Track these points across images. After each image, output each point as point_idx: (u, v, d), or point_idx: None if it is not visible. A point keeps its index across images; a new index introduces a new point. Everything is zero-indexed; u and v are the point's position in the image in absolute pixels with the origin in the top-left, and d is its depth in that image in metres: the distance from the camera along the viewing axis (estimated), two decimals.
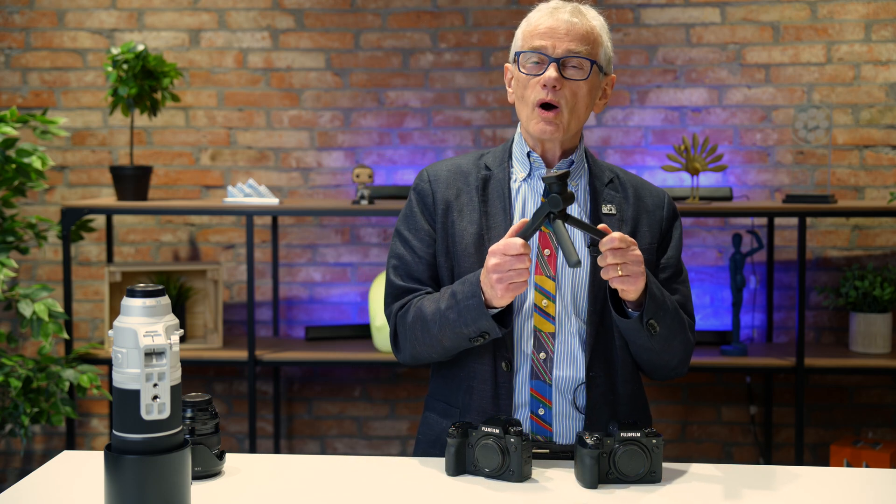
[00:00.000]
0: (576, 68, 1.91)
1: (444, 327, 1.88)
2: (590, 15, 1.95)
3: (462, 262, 1.95)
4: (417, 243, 2.00)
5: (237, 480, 1.76)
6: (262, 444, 3.92)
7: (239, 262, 3.95)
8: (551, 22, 1.91)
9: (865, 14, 3.76)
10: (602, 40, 1.94)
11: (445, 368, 2.00)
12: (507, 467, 1.73)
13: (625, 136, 3.86)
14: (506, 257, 1.76)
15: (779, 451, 3.85)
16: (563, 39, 1.90)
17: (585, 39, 1.91)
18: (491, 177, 2.00)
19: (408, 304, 1.98)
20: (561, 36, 1.90)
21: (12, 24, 3.94)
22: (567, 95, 1.91)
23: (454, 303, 1.86)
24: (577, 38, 1.90)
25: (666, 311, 1.88)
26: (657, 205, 2.03)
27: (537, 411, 1.91)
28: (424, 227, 2.00)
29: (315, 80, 3.92)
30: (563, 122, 1.92)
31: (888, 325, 3.55)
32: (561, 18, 1.91)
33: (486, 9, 3.86)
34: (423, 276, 1.99)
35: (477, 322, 1.84)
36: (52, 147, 3.93)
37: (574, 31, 1.90)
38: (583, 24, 1.92)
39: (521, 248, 1.76)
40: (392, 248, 2.04)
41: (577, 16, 1.92)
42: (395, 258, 2.02)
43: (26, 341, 3.95)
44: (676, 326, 1.92)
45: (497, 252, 1.78)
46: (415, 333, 1.94)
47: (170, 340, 1.48)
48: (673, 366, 1.97)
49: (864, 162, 3.80)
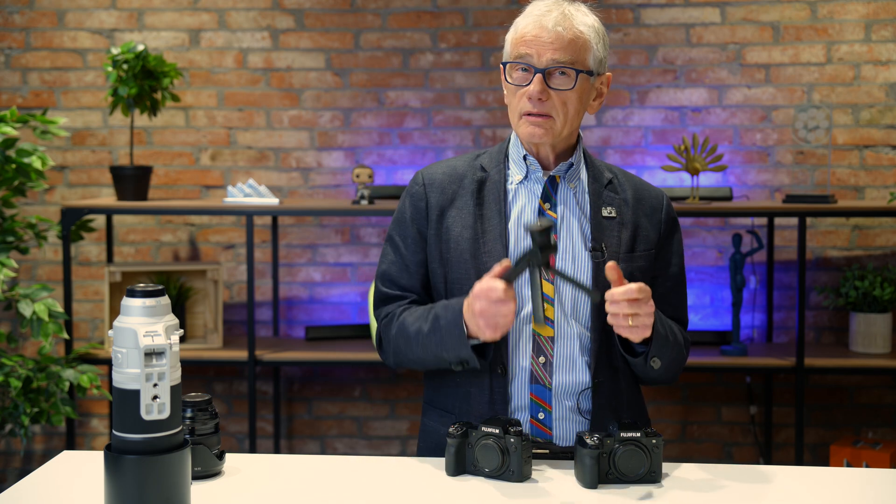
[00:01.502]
0: (563, 76, 1.88)
1: (426, 349, 1.90)
2: (577, 19, 1.89)
3: (456, 267, 1.94)
4: (405, 250, 2.00)
5: (237, 480, 1.76)
6: (262, 444, 3.92)
7: (239, 262, 3.95)
8: (537, 30, 1.87)
9: (865, 14, 3.76)
10: (590, 44, 1.89)
11: (439, 375, 1.99)
12: (507, 467, 1.73)
13: (625, 136, 3.86)
14: (490, 303, 1.75)
15: (779, 451, 3.85)
16: (547, 48, 1.86)
17: (571, 48, 1.87)
18: (487, 179, 1.98)
19: (391, 315, 1.99)
20: (545, 45, 1.86)
21: (12, 24, 3.94)
22: (556, 104, 1.88)
23: (437, 328, 1.86)
24: (561, 48, 1.86)
25: (668, 345, 1.90)
26: (656, 207, 2.01)
27: (537, 415, 1.91)
28: (414, 233, 1.99)
29: (315, 80, 3.92)
30: (556, 129, 1.90)
31: (888, 325, 3.55)
32: (546, 27, 1.87)
33: (486, 9, 3.86)
34: (409, 283, 2.00)
35: (457, 351, 1.84)
36: (52, 147, 3.93)
37: (559, 40, 1.86)
38: (568, 31, 1.87)
39: (503, 294, 1.73)
40: (382, 252, 2.05)
41: (564, 22, 1.87)
42: (384, 263, 2.03)
43: (26, 341, 3.95)
44: (675, 354, 1.94)
45: (481, 296, 1.76)
46: (398, 346, 1.96)
47: (170, 340, 1.48)
48: (665, 380, 2.00)
49: (864, 162, 3.80)
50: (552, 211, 1.94)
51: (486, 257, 1.92)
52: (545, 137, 1.90)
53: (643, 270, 1.95)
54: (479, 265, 1.92)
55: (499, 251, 1.92)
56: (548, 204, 1.95)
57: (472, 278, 1.91)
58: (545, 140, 1.91)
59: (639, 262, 1.95)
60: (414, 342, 1.92)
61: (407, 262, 2.00)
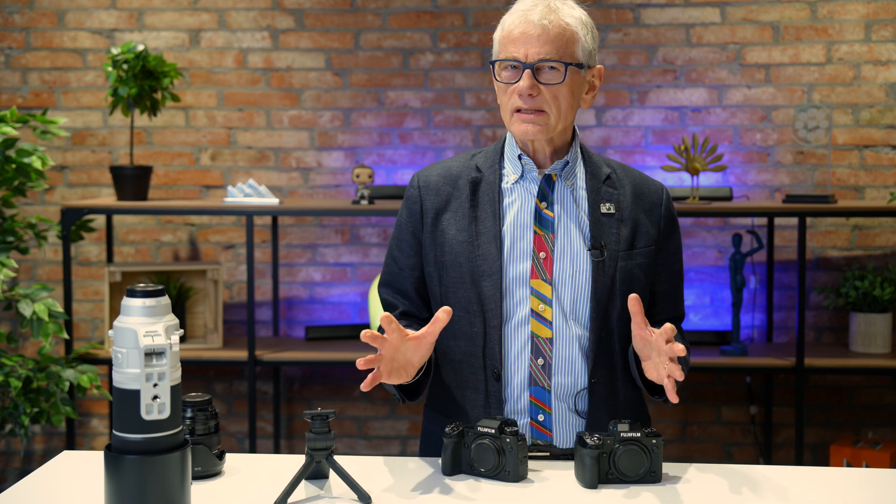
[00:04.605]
0: (552, 70, 1.86)
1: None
2: (563, 12, 1.88)
3: (451, 271, 1.94)
4: (399, 254, 2.01)
5: (237, 480, 1.76)
6: (262, 444, 3.92)
7: (239, 262, 3.95)
8: (523, 26, 1.87)
9: (865, 14, 3.76)
10: (578, 36, 1.88)
11: (438, 378, 1.99)
12: (504, 467, 1.73)
13: (625, 136, 3.86)
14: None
15: (779, 451, 3.85)
16: (534, 44, 1.85)
17: (558, 41, 1.85)
18: (481, 179, 1.97)
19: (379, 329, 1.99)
20: (533, 41, 1.85)
21: (12, 24, 3.94)
22: (548, 98, 1.87)
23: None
24: (549, 42, 1.85)
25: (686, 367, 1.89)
26: (655, 203, 1.99)
27: (537, 417, 1.90)
28: (408, 237, 2.00)
29: (315, 80, 3.92)
30: (550, 124, 1.89)
31: (888, 325, 3.55)
32: (532, 21, 1.86)
33: (486, 9, 3.86)
34: (405, 287, 2.01)
35: (387, 386, 1.85)
36: (52, 147, 3.93)
37: (546, 34, 1.85)
38: (554, 25, 1.86)
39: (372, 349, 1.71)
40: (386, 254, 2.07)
41: (550, 16, 1.86)
42: (383, 267, 2.06)
43: (26, 341, 3.95)
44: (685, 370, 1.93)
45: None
46: None
47: (170, 340, 1.48)
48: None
49: (864, 162, 3.80)
50: (549, 210, 1.93)
51: (479, 260, 1.91)
52: (539, 134, 1.89)
53: (643, 267, 1.94)
54: (473, 268, 1.91)
55: (493, 253, 1.90)
56: (544, 203, 1.93)
57: (467, 281, 1.91)
58: (539, 136, 1.89)
59: (638, 259, 1.94)
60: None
61: (401, 265, 2.01)
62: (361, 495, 1.64)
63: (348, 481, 1.65)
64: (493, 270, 1.90)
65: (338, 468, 1.67)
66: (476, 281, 1.90)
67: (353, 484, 1.65)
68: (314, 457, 1.67)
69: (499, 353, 1.90)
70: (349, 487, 1.65)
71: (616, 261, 1.91)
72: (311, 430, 1.68)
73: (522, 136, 1.91)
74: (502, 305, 1.89)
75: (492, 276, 1.90)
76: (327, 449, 1.67)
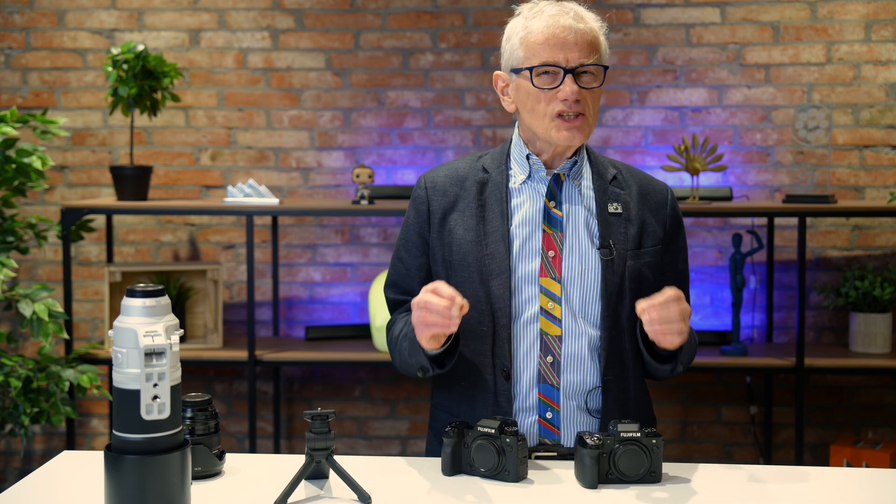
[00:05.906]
0: (590, 75, 1.90)
1: (401, 354, 1.94)
2: (588, 17, 1.93)
3: (459, 270, 1.95)
4: (406, 255, 2.03)
5: (237, 480, 1.76)
6: (262, 444, 3.92)
7: (239, 262, 3.95)
8: (557, 31, 1.88)
9: (865, 14, 3.76)
10: (602, 39, 1.93)
11: (446, 378, 1.99)
12: (503, 467, 1.73)
13: (625, 136, 3.86)
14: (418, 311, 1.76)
15: (779, 451, 3.85)
16: (573, 49, 1.87)
17: (593, 46, 1.89)
18: (489, 180, 1.98)
19: (391, 321, 2.05)
20: (571, 46, 1.87)
21: (12, 24, 3.94)
22: (588, 102, 1.90)
23: (407, 332, 1.90)
24: (586, 46, 1.88)
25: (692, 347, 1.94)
26: (661, 203, 2.01)
27: (545, 415, 1.91)
28: (415, 237, 2.01)
29: (315, 80, 3.92)
30: (589, 128, 1.92)
31: (888, 325, 3.55)
32: (566, 26, 1.88)
33: (486, 9, 3.86)
34: (412, 287, 2.01)
35: (417, 357, 1.87)
36: (52, 147, 3.93)
37: (582, 39, 1.88)
38: (587, 29, 1.90)
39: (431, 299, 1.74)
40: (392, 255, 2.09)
41: (580, 21, 1.89)
42: (390, 269, 2.08)
43: (26, 341, 3.95)
44: (692, 354, 1.98)
45: (416, 306, 1.76)
46: (391, 351, 2.02)
47: (170, 340, 1.48)
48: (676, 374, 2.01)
49: (864, 162, 3.80)
50: (558, 209, 1.94)
51: (488, 259, 1.92)
52: (583, 139, 1.92)
53: (651, 266, 1.96)
54: (481, 267, 1.92)
55: (501, 253, 1.92)
56: (553, 202, 1.95)
57: (476, 280, 1.92)
58: (582, 141, 1.93)
59: (646, 259, 1.95)
60: (393, 346, 1.99)
61: (408, 266, 2.02)
62: (361, 495, 1.64)
63: (348, 481, 1.65)
64: (502, 269, 1.91)
65: (338, 468, 1.67)
66: (485, 280, 1.92)
67: (353, 484, 1.65)
68: (314, 457, 1.67)
69: (508, 351, 1.91)
70: (349, 487, 1.65)
71: (625, 260, 1.93)
72: (311, 430, 1.68)
73: (567, 142, 1.92)
74: (511, 304, 1.91)
75: (500, 275, 1.91)
76: (327, 449, 1.67)
